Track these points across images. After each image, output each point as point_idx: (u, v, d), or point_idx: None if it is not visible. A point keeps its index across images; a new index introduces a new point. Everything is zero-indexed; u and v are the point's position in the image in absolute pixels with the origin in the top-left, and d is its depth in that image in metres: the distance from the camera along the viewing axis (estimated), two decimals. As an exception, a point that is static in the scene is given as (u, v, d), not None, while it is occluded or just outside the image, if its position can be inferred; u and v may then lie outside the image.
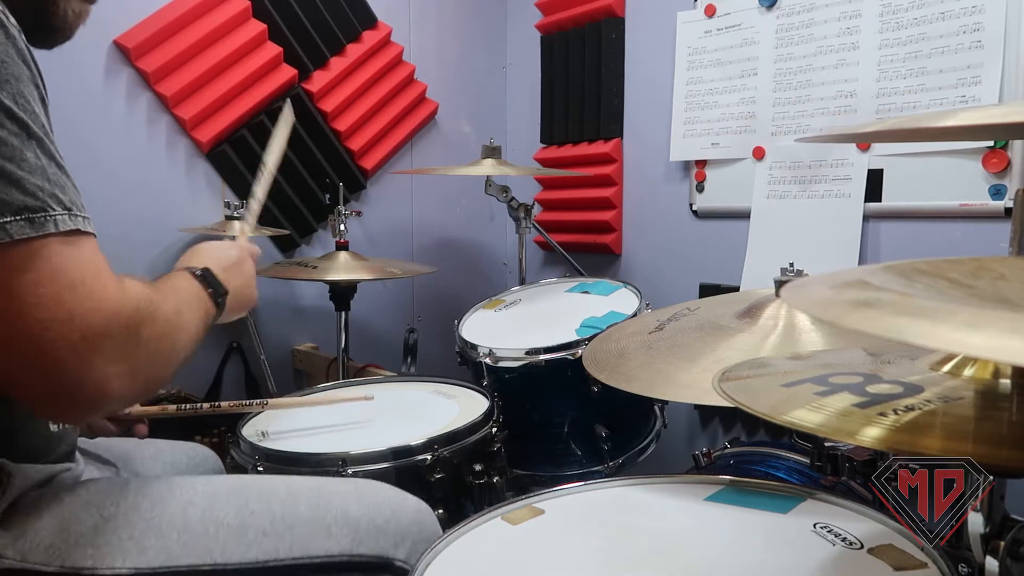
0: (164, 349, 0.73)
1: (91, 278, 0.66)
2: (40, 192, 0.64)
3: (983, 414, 0.59)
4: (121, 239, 1.87)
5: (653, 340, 1.20)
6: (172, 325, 0.75)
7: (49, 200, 0.64)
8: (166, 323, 0.74)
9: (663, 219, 2.21)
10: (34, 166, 0.64)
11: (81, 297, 0.65)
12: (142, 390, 0.73)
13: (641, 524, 0.90)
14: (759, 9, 1.92)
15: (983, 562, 0.65)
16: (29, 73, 0.67)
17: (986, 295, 0.55)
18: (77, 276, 0.65)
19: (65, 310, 0.63)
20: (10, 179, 0.63)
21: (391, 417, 1.39)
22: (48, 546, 0.76)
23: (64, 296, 0.64)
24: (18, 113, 0.64)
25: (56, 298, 0.63)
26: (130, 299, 0.69)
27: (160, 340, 0.72)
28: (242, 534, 0.84)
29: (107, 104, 1.87)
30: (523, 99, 2.65)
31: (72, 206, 0.67)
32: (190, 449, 1.24)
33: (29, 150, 0.64)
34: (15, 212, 0.62)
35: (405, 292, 2.50)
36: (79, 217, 0.67)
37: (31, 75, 0.67)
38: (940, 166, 1.61)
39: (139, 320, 0.69)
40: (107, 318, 0.66)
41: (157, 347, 0.72)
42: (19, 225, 0.62)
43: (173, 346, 0.75)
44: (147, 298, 0.72)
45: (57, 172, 0.67)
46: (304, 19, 2.16)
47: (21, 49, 0.67)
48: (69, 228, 0.65)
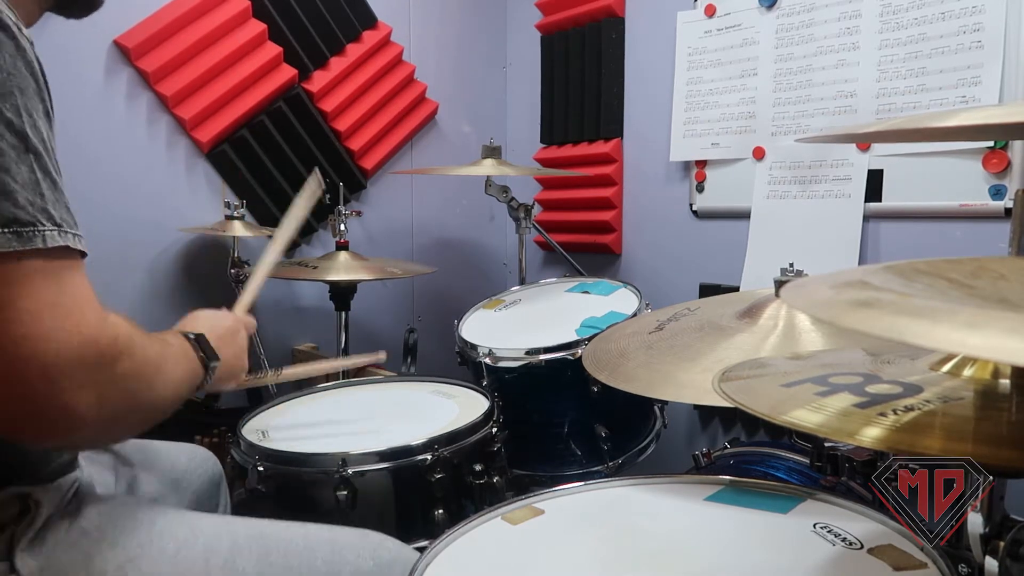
0: (139, 389, 0.72)
1: (73, 300, 0.65)
2: (31, 207, 0.63)
3: (983, 414, 0.59)
4: (121, 239, 1.88)
5: (653, 340, 1.20)
6: (152, 368, 0.74)
7: (39, 215, 0.64)
8: (145, 364, 0.73)
9: (663, 219, 2.21)
10: (27, 180, 0.64)
11: (60, 317, 0.64)
12: (110, 425, 0.71)
13: (641, 524, 0.90)
14: (759, 9, 1.92)
15: (983, 562, 0.65)
16: (36, 86, 0.67)
17: (986, 295, 0.55)
18: (59, 296, 0.64)
19: (42, 328, 0.63)
20: (1, 191, 0.62)
21: (391, 417, 1.38)
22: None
23: (43, 314, 0.63)
24: (18, 125, 0.64)
25: (35, 315, 0.62)
26: (109, 329, 0.68)
27: (136, 379, 0.71)
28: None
29: (107, 104, 1.87)
30: (523, 99, 2.65)
31: (63, 223, 0.66)
32: (190, 450, 1.24)
33: (24, 164, 0.64)
34: (3, 224, 0.62)
35: (405, 292, 2.50)
36: (69, 234, 0.66)
37: (37, 88, 0.67)
38: (940, 166, 1.61)
39: (115, 353, 0.68)
40: (83, 342, 0.65)
41: (131, 385, 0.71)
42: (5, 238, 0.62)
43: (150, 388, 0.74)
44: (128, 335, 0.71)
45: (51, 188, 0.66)
46: (304, 19, 2.16)
47: (30, 61, 0.66)
48: (57, 244, 0.65)
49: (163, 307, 1.97)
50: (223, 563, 0.84)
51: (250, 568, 0.85)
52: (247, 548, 0.86)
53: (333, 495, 1.13)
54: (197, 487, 1.19)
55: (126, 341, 0.70)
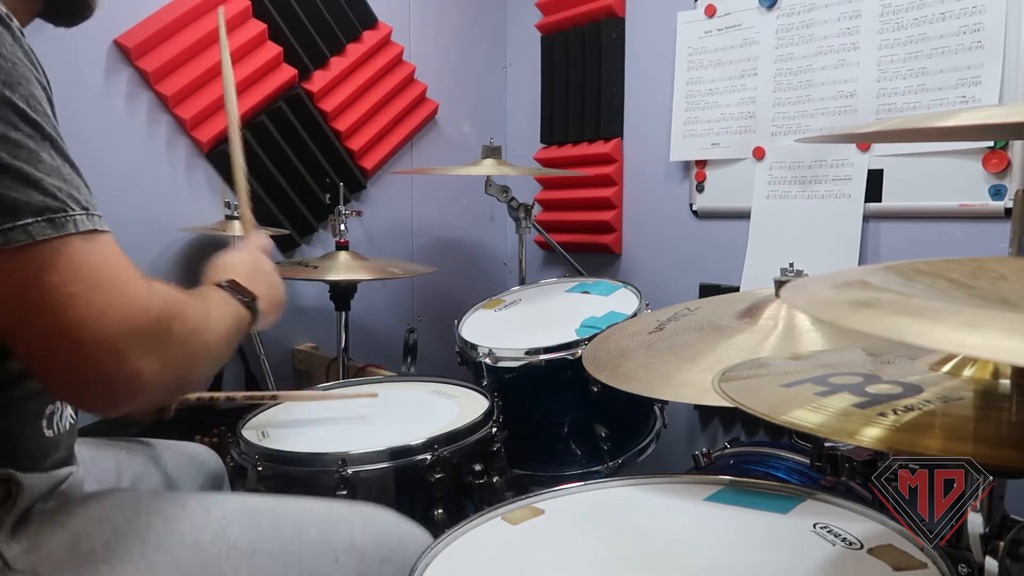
0: (195, 346, 0.76)
1: (117, 275, 0.68)
2: (59, 192, 0.65)
3: (983, 414, 0.59)
4: (121, 239, 1.82)
5: (653, 340, 1.20)
6: (203, 324, 0.78)
7: (68, 200, 0.65)
8: (197, 321, 0.76)
9: (663, 219, 2.21)
10: (51, 167, 0.65)
11: (109, 294, 0.66)
12: (174, 385, 0.75)
13: (641, 524, 0.90)
14: (759, 9, 1.92)
15: (983, 562, 0.65)
16: (35, 75, 0.67)
17: (986, 295, 0.55)
18: (103, 274, 0.67)
19: (96, 308, 0.65)
20: (28, 181, 0.63)
21: (391, 417, 1.38)
22: (59, 560, 0.76)
23: (92, 294, 0.65)
24: (31, 115, 0.64)
25: (85, 297, 0.64)
26: (157, 296, 0.71)
27: (191, 337, 0.74)
28: (252, 558, 0.84)
29: (107, 104, 1.87)
30: (523, 99, 2.65)
31: (88, 205, 0.67)
32: (191, 449, 1.24)
33: (44, 151, 0.65)
34: (35, 213, 0.63)
35: (405, 292, 2.50)
36: (95, 216, 0.68)
37: (37, 76, 0.67)
38: (940, 166, 1.61)
39: (168, 316, 0.71)
40: (136, 313, 0.67)
41: (188, 343, 0.74)
42: (40, 226, 0.63)
43: (205, 343, 0.77)
44: (174, 297, 0.74)
45: (72, 172, 0.67)
46: (304, 19, 2.16)
47: (27, 51, 0.67)
48: (88, 228, 0.66)
49: (163, 307, 1.97)
50: (213, 536, 0.83)
51: (241, 540, 0.84)
52: (237, 520, 0.86)
53: (333, 495, 1.12)
54: (199, 486, 1.19)
55: (175, 304, 0.73)
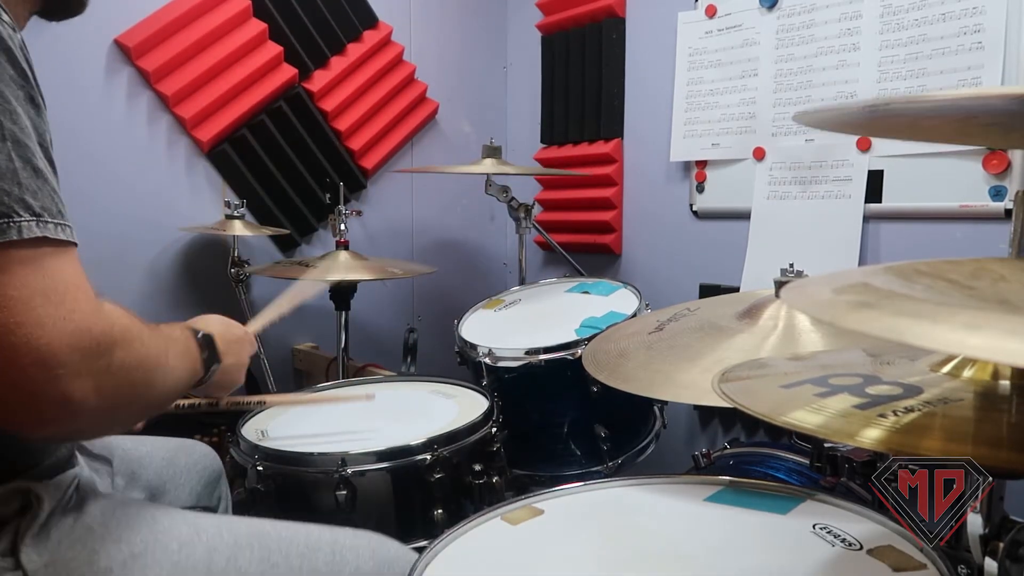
0: (137, 380, 0.72)
1: (64, 288, 0.65)
2: (7, 197, 0.62)
3: (982, 415, 0.59)
4: (121, 239, 1.88)
5: (653, 340, 1.20)
6: (152, 361, 0.74)
7: (15, 205, 0.63)
8: (146, 356, 0.72)
9: (663, 219, 2.21)
10: (3, 169, 0.63)
11: (51, 304, 0.63)
12: (109, 415, 0.71)
13: (640, 524, 0.90)
14: (760, 10, 1.92)
15: (982, 563, 0.65)
16: (13, 71, 0.65)
17: (986, 296, 0.55)
18: (48, 284, 0.64)
19: (33, 315, 0.62)
20: None
21: (391, 417, 1.38)
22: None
23: (33, 301, 0.62)
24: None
25: (24, 302, 0.62)
26: (104, 317, 0.67)
27: (134, 370, 0.71)
28: None
29: (107, 103, 1.87)
30: (523, 99, 2.65)
31: (43, 212, 0.65)
32: (189, 447, 1.24)
33: (1, 152, 0.63)
34: None
35: (405, 292, 2.50)
36: (50, 224, 0.65)
37: (15, 73, 0.65)
38: (940, 167, 1.61)
39: (111, 341, 0.67)
40: (77, 329, 0.64)
41: (130, 375, 0.70)
42: None
43: (148, 380, 0.74)
44: (125, 324, 0.70)
45: (32, 176, 0.65)
46: (305, 18, 2.16)
47: (9, 48, 0.65)
48: (35, 235, 0.63)
49: (163, 306, 1.97)
50: (225, 562, 0.84)
51: (252, 568, 0.85)
52: (249, 547, 0.87)
53: (332, 495, 1.13)
54: (197, 483, 1.19)
55: (123, 331, 0.69)
